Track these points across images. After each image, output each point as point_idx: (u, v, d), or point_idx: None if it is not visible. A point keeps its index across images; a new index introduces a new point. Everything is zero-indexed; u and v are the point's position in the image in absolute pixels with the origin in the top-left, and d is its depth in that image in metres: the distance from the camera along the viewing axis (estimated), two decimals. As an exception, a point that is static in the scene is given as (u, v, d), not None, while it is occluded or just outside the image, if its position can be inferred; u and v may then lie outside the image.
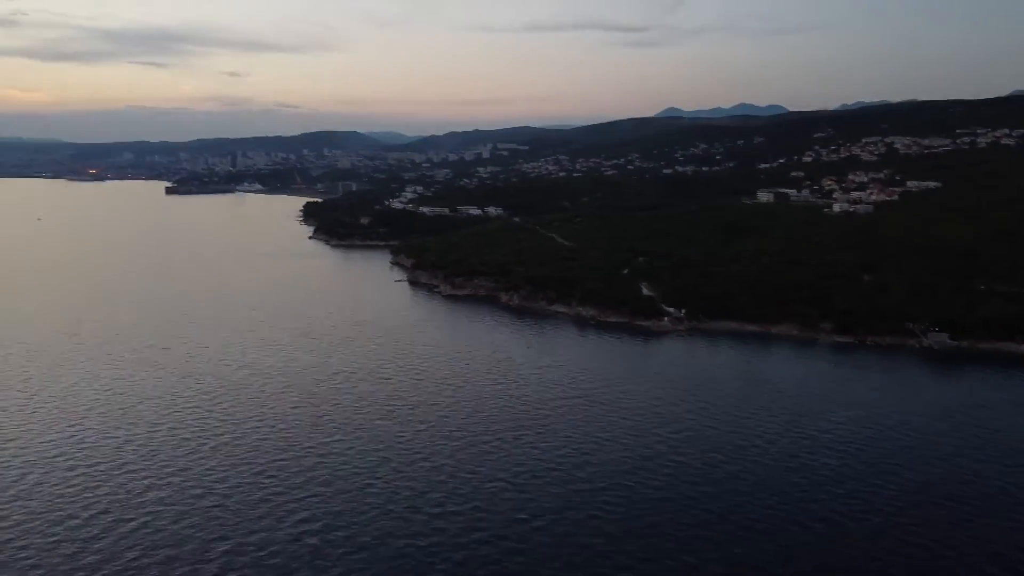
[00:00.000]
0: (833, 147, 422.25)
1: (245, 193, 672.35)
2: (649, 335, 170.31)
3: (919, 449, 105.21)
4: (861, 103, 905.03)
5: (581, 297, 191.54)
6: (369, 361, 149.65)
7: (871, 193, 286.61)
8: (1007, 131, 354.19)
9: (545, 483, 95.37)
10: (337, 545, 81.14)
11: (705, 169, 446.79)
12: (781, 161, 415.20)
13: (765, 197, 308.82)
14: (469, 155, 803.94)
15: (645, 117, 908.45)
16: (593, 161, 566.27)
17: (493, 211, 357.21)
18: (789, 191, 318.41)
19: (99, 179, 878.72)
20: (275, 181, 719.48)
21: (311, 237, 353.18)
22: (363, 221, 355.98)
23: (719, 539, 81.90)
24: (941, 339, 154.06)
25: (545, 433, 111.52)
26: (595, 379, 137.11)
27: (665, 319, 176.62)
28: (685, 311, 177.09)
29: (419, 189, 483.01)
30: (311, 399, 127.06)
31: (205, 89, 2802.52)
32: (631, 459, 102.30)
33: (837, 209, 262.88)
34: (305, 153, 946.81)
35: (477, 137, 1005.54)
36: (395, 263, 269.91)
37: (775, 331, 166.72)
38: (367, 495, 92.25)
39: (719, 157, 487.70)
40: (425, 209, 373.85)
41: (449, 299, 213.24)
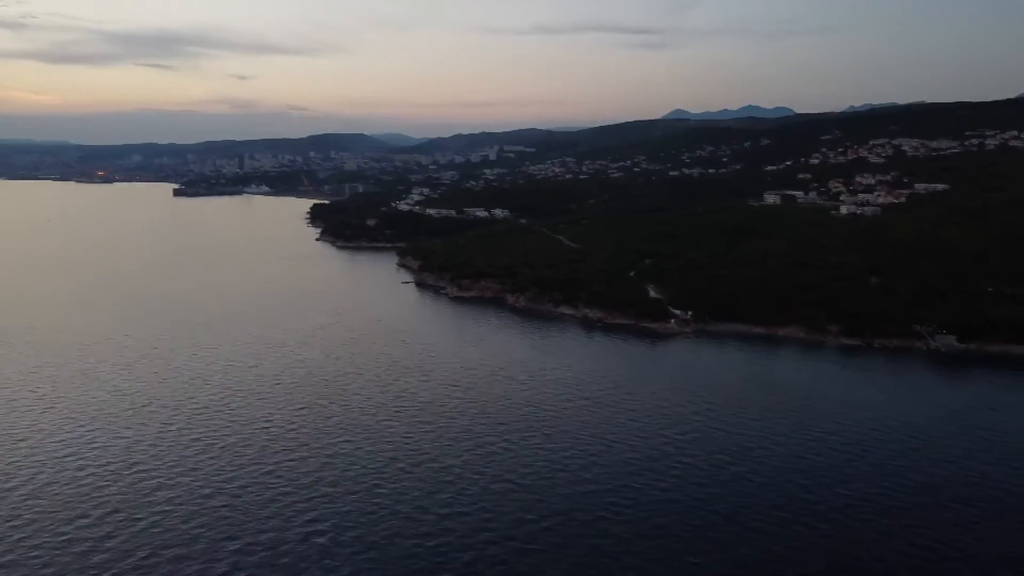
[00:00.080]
0: (840, 149, 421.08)
1: (252, 195, 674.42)
2: (656, 337, 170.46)
3: (926, 451, 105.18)
4: (869, 105, 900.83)
5: (588, 299, 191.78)
6: (376, 362, 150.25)
7: (878, 195, 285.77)
8: (1015, 133, 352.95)
9: (553, 484, 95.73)
10: (346, 545, 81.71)
11: (712, 171, 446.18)
12: (788, 163, 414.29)
13: (772, 199, 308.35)
14: (475, 157, 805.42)
15: (651, 119, 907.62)
16: (599, 163, 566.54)
17: (500, 213, 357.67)
18: (796, 193, 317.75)
19: (107, 181, 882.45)
20: (282, 183, 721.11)
21: (318, 239, 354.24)
22: (370, 223, 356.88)
23: (726, 540, 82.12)
24: (949, 341, 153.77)
25: (552, 434, 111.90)
26: (602, 381, 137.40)
27: (672, 321, 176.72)
28: (692, 313, 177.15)
29: (425, 191, 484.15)
30: (319, 400, 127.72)
31: (213, 91, 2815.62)
32: (638, 460, 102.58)
33: (844, 211, 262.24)
34: (312, 155, 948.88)
35: (483, 139, 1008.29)
36: (402, 265, 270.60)
37: (782, 333, 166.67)
38: (375, 495, 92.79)
39: (726, 159, 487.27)
40: (432, 211, 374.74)
41: (456, 301, 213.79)
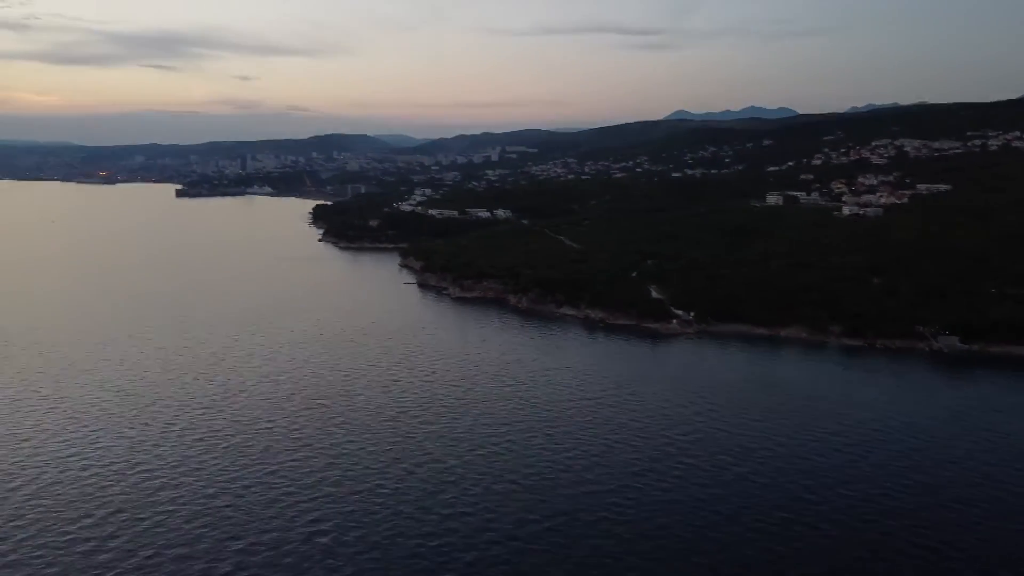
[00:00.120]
0: (843, 150, 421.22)
1: (255, 196, 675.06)
2: (658, 338, 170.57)
3: (929, 452, 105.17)
4: (871, 106, 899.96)
5: (590, 300, 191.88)
6: (379, 363, 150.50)
7: (881, 196, 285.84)
8: (1018, 134, 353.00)
9: (555, 484, 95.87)
10: (349, 545, 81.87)
11: (714, 172, 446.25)
12: (790, 164, 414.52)
13: (774, 200, 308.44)
14: (478, 158, 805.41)
15: (654, 120, 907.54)
16: (602, 164, 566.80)
17: (502, 214, 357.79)
18: (798, 194, 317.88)
19: (110, 182, 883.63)
20: (285, 184, 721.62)
21: (320, 239, 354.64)
22: (372, 224, 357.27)
23: (728, 541, 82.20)
24: (951, 342, 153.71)
25: (554, 435, 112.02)
26: (604, 381, 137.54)
27: (674, 322, 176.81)
28: (694, 314, 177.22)
29: (428, 192, 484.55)
30: (322, 400, 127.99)
31: (216, 92, 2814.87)
32: (640, 461, 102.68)
33: (846, 212, 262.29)
34: (314, 156, 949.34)
35: (486, 140, 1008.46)
36: (404, 265, 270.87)
37: (784, 334, 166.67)
38: (378, 495, 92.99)
39: (728, 160, 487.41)
40: (434, 212, 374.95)
41: (458, 301, 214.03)
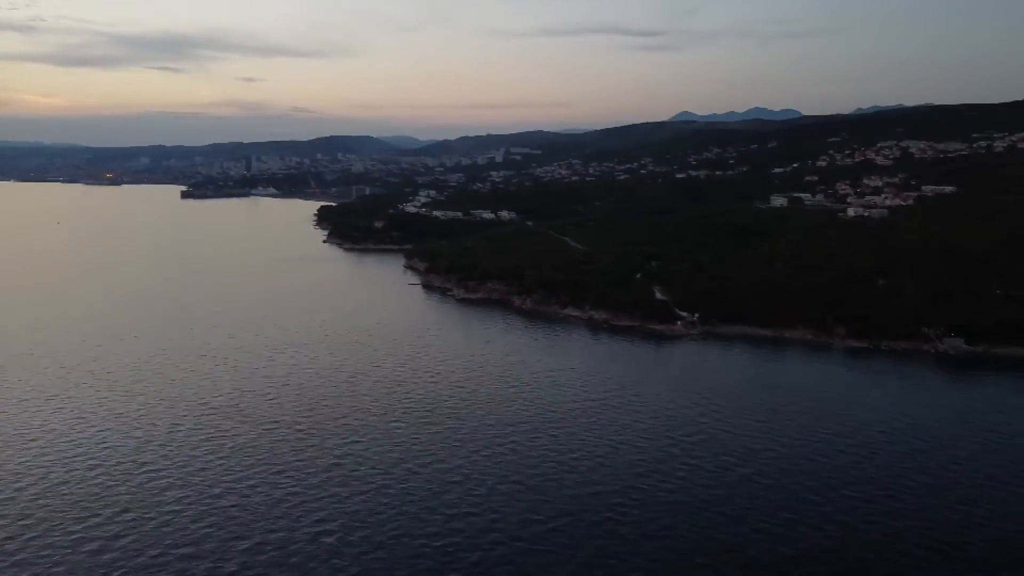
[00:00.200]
0: (848, 151, 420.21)
1: (260, 197, 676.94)
2: (662, 339, 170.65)
3: (933, 453, 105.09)
4: (876, 107, 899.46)
5: (594, 301, 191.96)
6: (384, 364, 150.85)
7: (886, 197, 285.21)
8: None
9: (560, 485, 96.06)
10: (354, 545, 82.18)
11: (718, 173, 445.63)
12: (795, 165, 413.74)
13: (779, 201, 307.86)
14: (482, 159, 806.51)
15: (658, 121, 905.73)
16: (606, 165, 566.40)
17: (506, 215, 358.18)
18: (803, 195, 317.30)
19: (115, 183, 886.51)
20: (289, 185, 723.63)
21: (325, 241, 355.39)
22: (377, 225, 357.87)
23: (733, 541, 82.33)
24: (957, 344, 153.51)
25: (559, 436, 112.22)
26: (608, 383, 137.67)
27: (678, 323, 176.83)
28: (698, 315, 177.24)
29: (432, 193, 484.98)
30: (327, 401, 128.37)
31: (221, 94, 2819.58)
32: (645, 462, 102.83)
33: (851, 214, 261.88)
34: (319, 157, 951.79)
35: (490, 141, 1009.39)
36: (408, 267, 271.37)
37: (789, 335, 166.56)
38: (383, 496, 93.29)
39: (732, 161, 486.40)
40: (438, 213, 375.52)
41: (462, 302, 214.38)
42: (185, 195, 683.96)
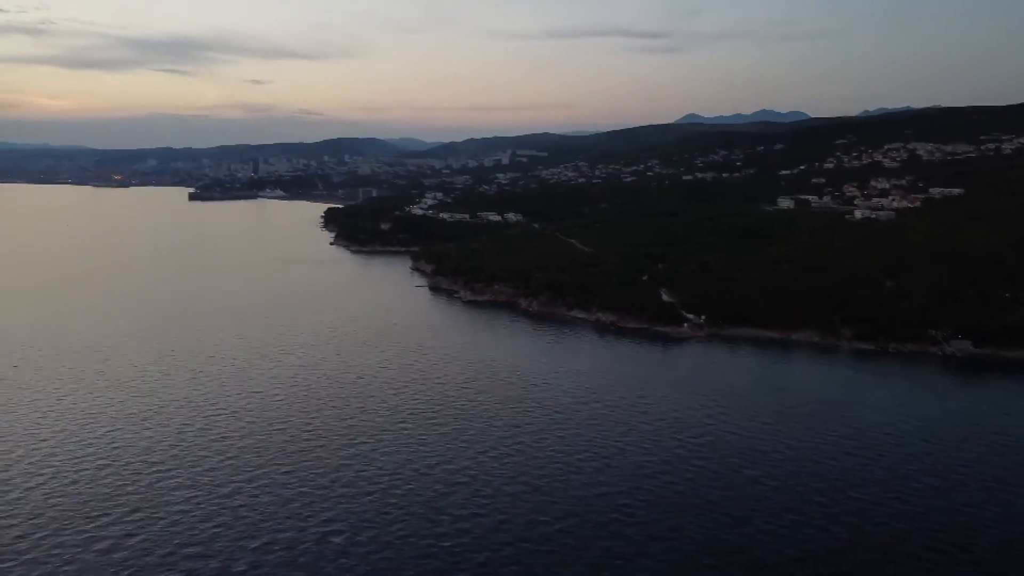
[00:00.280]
0: (855, 154, 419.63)
1: (267, 199, 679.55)
2: (669, 341, 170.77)
3: (940, 455, 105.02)
4: (884, 109, 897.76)
5: (600, 303, 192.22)
6: (391, 365, 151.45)
7: (893, 200, 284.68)
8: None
9: (566, 486, 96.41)
10: (362, 545, 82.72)
11: (725, 175, 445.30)
12: (802, 168, 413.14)
13: (786, 204, 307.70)
14: (488, 161, 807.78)
15: (665, 123, 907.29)
16: (613, 167, 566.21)
17: (513, 217, 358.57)
18: (810, 198, 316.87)
19: (123, 185, 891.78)
20: (296, 187, 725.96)
21: (332, 243, 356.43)
22: (383, 227, 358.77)
23: (739, 543, 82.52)
24: (964, 346, 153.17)
25: (565, 437, 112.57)
26: (615, 385, 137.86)
27: (685, 325, 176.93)
28: (705, 317, 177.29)
29: (439, 195, 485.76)
30: (335, 402, 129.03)
31: (228, 96, 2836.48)
32: (651, 463, 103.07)
33: (859, 216, 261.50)
34: (326, 159, 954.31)
35: (496, 143, 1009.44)
36: (415, 269, 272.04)
37: (795, 337, 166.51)
38: (391, 496, 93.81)
39: (739, 163, 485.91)
40: (445, 215, 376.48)
41: (469, 305, 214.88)
42: (193, 197, 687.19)
